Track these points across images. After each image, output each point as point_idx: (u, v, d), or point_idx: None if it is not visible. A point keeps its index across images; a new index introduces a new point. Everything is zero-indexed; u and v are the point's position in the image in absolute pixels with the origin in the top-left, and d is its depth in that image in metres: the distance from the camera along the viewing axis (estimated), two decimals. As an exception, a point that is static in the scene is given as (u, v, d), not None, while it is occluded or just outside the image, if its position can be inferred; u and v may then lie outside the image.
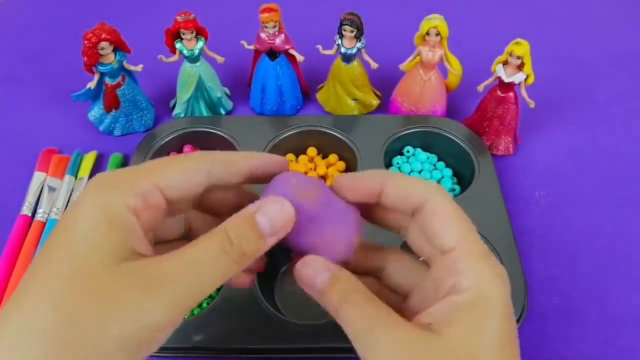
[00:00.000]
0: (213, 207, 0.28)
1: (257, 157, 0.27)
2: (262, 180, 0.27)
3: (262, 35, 0.54)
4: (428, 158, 0.53)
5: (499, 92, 0.52)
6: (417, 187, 0.25)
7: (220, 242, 0.22)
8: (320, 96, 0.60)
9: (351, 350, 0.23)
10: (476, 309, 0.22)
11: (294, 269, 0.25)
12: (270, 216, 0.23)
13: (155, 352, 0.22)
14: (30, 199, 0.50)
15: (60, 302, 0.19)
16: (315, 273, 0.24)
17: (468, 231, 0.24)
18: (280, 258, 0.45)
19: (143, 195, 0.22)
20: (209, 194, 0.27)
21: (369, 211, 0.27)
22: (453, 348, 0.21)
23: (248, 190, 0.29)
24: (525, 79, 0.50)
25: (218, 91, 0.57)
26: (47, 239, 0.22)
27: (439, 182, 0.52)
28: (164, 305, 0.20)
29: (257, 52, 0.56)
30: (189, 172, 0.24)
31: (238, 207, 0.24)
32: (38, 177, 0.52)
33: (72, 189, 0.51)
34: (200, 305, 0.43)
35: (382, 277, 0.28)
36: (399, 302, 0.27)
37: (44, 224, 0.48)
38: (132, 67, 0.54)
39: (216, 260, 0.22)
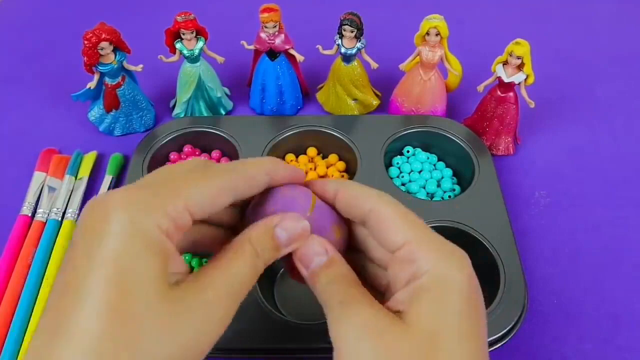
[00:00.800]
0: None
1: (275, 170, 0.27)
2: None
3: (262, 35, 0.54)
4: (428, 158, 0.53)
5: (499, 92, 0.52)
6: (363, 196, 0.26)
7: (250, 256, 0.24)
8: (320, 96, 0.60)
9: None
10: (435, 289, 0.23)
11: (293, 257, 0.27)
12: (289, 230, 0.25)
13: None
14: (30, 199, 0.50)
15: (115, 328, 0.19)
16: (313, 254, 0.26)
17: (418, 227, 0.25)
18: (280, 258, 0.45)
19: (174, 218, 0.22)
20: None
21: None
22: (415, 327, 0.22)
23: None
24: (525, 79, 0.50)
25: (218, 91, 0.57)
26: (75, 251, 0.21)
27: (439, 182, 0.52)
28: (213, 323, 0.22)
29: (257, 52, 0.56)
30: (216, 192, 0.24)
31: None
32: (38, 177, 0.52)
33: (72, 189, 0.51)
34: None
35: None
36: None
37: (44, 224, 0.48)
38: (132, 67, 0.54)
39: (250, 272, 0.24)
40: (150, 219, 0.21)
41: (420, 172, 0.52)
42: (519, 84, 0.51)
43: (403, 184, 0.52)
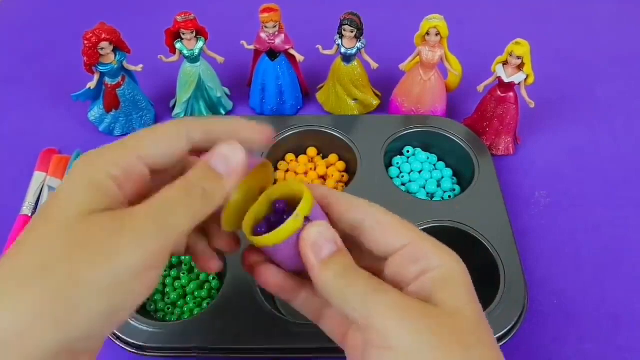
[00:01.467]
0: None
1: (237, 130, 0.26)
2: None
3: (262, 35, 0.54)
4: (428, 158, 0.53)
5: (499, 92, 0.52)
6: (356, 203, 0.27)
7: (183, 185, 0.24)
8: (320, 96, 0.60)
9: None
10: (450, 279, 0.24)
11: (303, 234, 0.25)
12: (225, 157, 0.25)
13: (155, 353, 0.22)
14: (30, 199, 0.50)
15: (42, 251, 0.21)
16: (325, 241, 0.25)
17: (414, 230, 0.26)
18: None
19: (125, 168, 0.23)
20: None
21: None
22: (445, 308, 0.23)
23: None
24: (525, 79, 0.50)
25: (218, 91, 0.57)
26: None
27: (439, 182, 0.52)
28: (137, 246, 0.21)
29: (257, 52, 0.56)
30: (169, 138, 0.25)
31: None
32: (38, 177, 0.52)
33: (72, 189, 0.51)
34: (200, 305, 0.43)
35: None
36: None
37: (44, 224, 0.48)
38: (132, 67, 0.54)
39: (181, 200, 0.23)
40: (98, 167, 0.23)
41: (420, 172, 0.52)
42: (519, 84, 0.51)
43: (403, 184, 0.52)
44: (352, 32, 0.51)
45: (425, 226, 0.45)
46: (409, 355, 0.22)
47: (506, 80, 0.50)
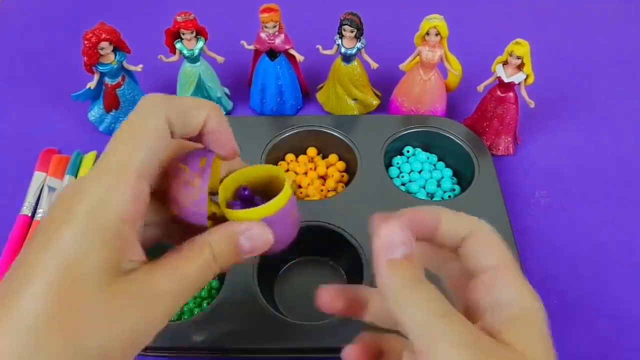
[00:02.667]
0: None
1: (212, 117, 0.25)
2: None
3: (262, 35, 0.54)
4: (428, 158, 0.53)
5: (498, 92, 0.52)
6: (466, 221, 0.25)
7: (207, 258, 0.24)
8: (320, 96, 0.60)
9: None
10: (525, 318, 0.23)
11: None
12: (253, 239, 0.25)
13: (155, 353, 0.22)
14: (30, 199, 0.50)
15: (54, 312, 0.20)
16: (397, 241, 0.23)
17: (507, 255, 0.25)
18: (279, 258, 0.45)
19: (134, 197, 0.22)
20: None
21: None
22: (515, 348, 0.22)
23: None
24: (525, 79, 0.50)
25: (218, 91, 0.57)
26: (39, 238, 0.21)
27: (439, 182, 0.52)
28: (154, 318, 0.22)
29: (257, 52, 0.56)
30: (155, 143, 0.23)
31: None
32: (38, 177, 0.52)
33: (72, 189, 0.51)
34: (200, 305, 0.43)
35: None
36: None
37: (44, 224, 0.48)
38: (132, 67, 0.54)
39: (203, 275, 0.24)
40: (110, 211, 0.21)
41: (420, 172, 0.52)
42: (519, 84, 0.51)
43: (403, 184, 0.52)
44: (352, 32, 0.51)
45: (425, 226, 0.45)
46: None
47: (506, 80, 0.50)
